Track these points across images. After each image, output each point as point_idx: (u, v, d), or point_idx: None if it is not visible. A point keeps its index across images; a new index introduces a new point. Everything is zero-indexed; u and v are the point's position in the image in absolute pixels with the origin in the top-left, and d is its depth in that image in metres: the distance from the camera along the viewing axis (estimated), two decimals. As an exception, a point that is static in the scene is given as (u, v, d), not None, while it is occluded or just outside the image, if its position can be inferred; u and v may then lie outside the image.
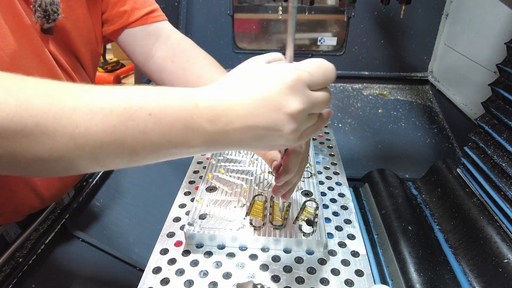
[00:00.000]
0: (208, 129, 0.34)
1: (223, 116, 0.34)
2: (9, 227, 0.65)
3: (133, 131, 0.33)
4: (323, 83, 0.38)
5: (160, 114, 0.33)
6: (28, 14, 0.53)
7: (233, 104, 0.34)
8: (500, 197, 0.71)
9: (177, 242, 0.55)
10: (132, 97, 0.33)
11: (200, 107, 0.34)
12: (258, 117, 0.34)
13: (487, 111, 0.83)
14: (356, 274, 0.50)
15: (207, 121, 0.34)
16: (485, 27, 1.14)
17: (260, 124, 0.34)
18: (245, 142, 0.36)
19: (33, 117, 0.30)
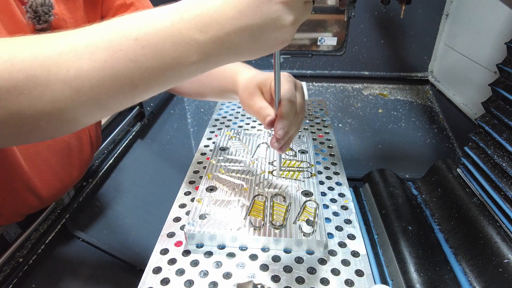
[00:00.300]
0: (200, 40, 0.32)
1: (212, 22, 0.32)
2: (9, 227, 0.65)
3: (124, 60, 0.32)
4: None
5: (146, 37, 0.32)
6: (23, 14, 0.53)
7: (219, 6, 0.32)
8: (500, 197, 0.71)
9: (177, 242, 0.55)
10: (114, 28, 0.32)
11: (186, 18, 0.32)
12: (250, 14, 0.32)
13: (487, 111, 0.83)
14: (356, 274, 0.50)
15: (196, 31, 0.32)
16: (485, 27, 1.14)
17: (254, 21, 0.32)
18: (243, 46, 0.34)
19: (22, 71, 0.29)
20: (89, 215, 0.83)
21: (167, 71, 0.33)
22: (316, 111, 0.97)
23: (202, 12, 0.32)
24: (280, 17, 0.32)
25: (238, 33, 0.32)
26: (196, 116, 1.54)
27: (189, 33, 0.32)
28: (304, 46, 1.62)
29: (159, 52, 0.32)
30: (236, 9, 0.32)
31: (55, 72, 0.30)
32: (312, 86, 1.64)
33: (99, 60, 0.31)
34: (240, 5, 0.32)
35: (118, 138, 1.07)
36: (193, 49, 0.33)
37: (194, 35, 0.32)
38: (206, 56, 0.33)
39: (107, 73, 0.32)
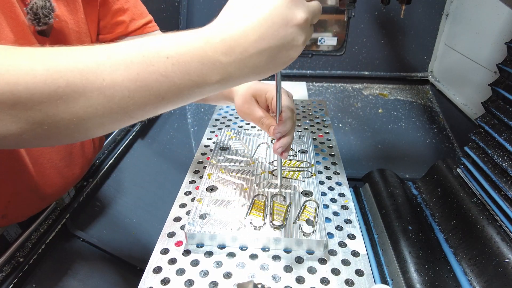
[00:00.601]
0: (224, 62, 0.36)
1: (236, 46, 0.35)
2: (10, 226, 0.65)
3: (156, 75, 0.35)
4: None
5: (176, 56, 0.35)
6: (26, 15, 0.53)
7: (243, 32, 0.35)
8: (500, 197, 0.71)
9: (178, 242, 0.55)
10: (148, 45, 0.35)
11: (212, 42, 0.35)
12: (270, 37, 0.36)
13: (487, 111, 0.83)
14: (356, 274, 0.50)
15: (221, 54, 0.35)
16: (485, 27, 1.14)
17: (273, 43, 0.36)
18: (262, 66, 0.37)
19: (62, 77, 0.32)
20: (89, 215, 0.83)
21: (192, 87, 0.37)
22: (316, 111, 0.97)
23: (227, 37, 0.36)
24: (294, 39, 0.37)
25: (258, 55, 0.36)
26: (196, 116, 1.54)
27: (214, 55, 0.35)
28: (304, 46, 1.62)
29: (187, 70, 0.35)
30: (257, 33, 0.35)
31: (92, 81, 0.33)
32: (312, 86, 1.64)
33: (133, 73, 0.34)
34: (260, 30, 0.35)
35: (118, 138, 1.07)
36: (217, 70, 0.36)
37: (219, 57, 0.36)
38: (229, 75, 0.37)
39: (138, 85, 0.35)
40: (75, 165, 0.69)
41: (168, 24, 1.44)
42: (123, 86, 0.34)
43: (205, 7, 1.52)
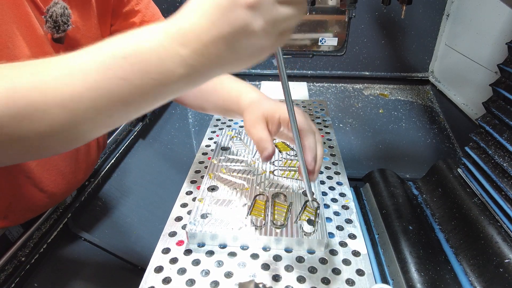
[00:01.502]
0: (183, 53, 0.33)
1: (191, 35, 0.33)
2: (12, 226, 0.65)
3: (114, 79, 0.33)
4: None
5: (133, 54, 0.33)
6: (41, 23, 0.54)
7: (197, 19, 0.33)
8: (501, 197, 0.71)
9: (179, 242, 0.55)
10: (103, 48, 0.33)
11: (169, 33, 0.33)
12: (220, 24, 0.32)
13: (488, 111, 0.83)
14: (357, 273, 0.50)
15: (179, 45, 0.33)
16: (486, 27, 1.14)
17: (224, 30, 0.32)
18: (223, 57, 0.34)
19: (23, 98, 0.31)
20: (91, 215, 0.84)
21: (156, 87, 0.34)
22: (317, 111, 0.97)
23: (182, 26, 0.33)
24: (247, 23, 0.32)
25: (214, 43, 0.33)
26: (198, 116, 1.54)
27: (172, 47, 0.33)
28: (305, 46, 1.62)
29: (147, 68, 0.33)
30: (208, 20, 0.32)
31: (52, 97, 0.32)
32: (312, 86, 1.64)
33: (91, 81, 0.32)
34: (210, 16, 0.32)
35: (119, 138, 1.07)
36: (178, 63, 0.33)
37: (177, 49, 0.33)
38: (192, 69, 0.34)
39: (99, 93, 0.33)
40: (80, 170, 0.69)
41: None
42: (84, 97, 0.33)
43: (206, 8, 1.52)
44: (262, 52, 0.35)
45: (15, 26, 0.49)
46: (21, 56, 0.50)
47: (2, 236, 0.62)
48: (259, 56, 0.36)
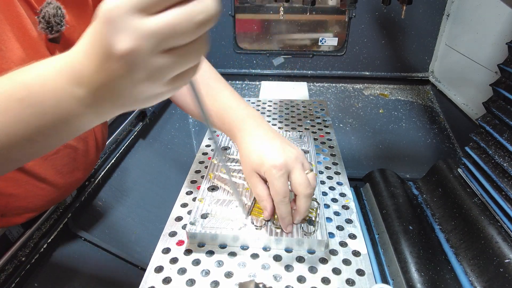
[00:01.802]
0: (78, 94, 0.31)
1: (83, 75, 0.30)
2: (12, 226, 0.65)
3: (14, 120, 0.32)
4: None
5: (29, 95, 0.32)
6: (35, 24, 0.53)
7: (84, 60, 0.30)
8: (501, 197, 0.71)
9: (179, 241, 0.55)
10: (3, 87, 0.32)
11: (64, 73, 0.31)
12: (102, 70, 0.29)
13: (488, 111, 0.83)
14: (357, 273, 0.50)
15: (74, 85, 0.31)
16: (486, 27, 1.14)
17: (107, 77, 0.29)
18: (118, 100, 0.31)
19: None
20: (91, 215, 0.84)
21: (56, 126, 0.33)
22: (317, 111, 0.97)
23: (76, 67, 0.31)
24: (125, 74, 0.28)
25: (104, 86, 0.30)
26: (197, 116, 1.54)
27: (67, 87, 0.31)
28: (305, 46, 1.62)
29: (43, 109, 0.32)
30: (94, 65, 0.29)
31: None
32: (313, 86, 1.64)
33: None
34: (95, 61, 0.29)
35: (120, 138, 1.07)
36: (75, 103, 0.32)
37: (72, 89, 0.31)
38: (90, 108, 0.32)
39: (3, 131, 0.32)
40: (78, 170, 0.69)
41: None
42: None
43: (206, 8, 1.52)
44: (157, 97, 0.32)
45: (8, 27, 0.49)
46: (14, 57, 0.50)
47: (2, 236, 0.62)
48: (156, 100, 0.33)
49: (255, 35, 1.61)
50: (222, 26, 1.55)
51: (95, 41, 0.28)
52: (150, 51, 0.27)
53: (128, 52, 0.26)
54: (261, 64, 1.63)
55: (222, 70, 1.64)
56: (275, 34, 1.61)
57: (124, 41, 0.26)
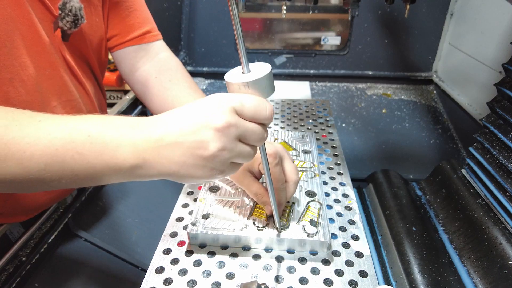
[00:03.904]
0: (140, 146, 0.37)
1: (155, 132, 0.37)
2: (13, 226, 0.65)
3: (72, 152, 0.36)
4: (253, 116, 0.39)
5: (97, 134, 0.37)
6: (45, 23, 0.54)
7: (166, 121, 0.38)
8: (506, 198, 0.71)
9: (180, 242, 0.55)
10: (76, 122, 0.37)
11: (134, 125, 0.37)
12: (187, 133, 0.36)
13: (493, 111, 0.83)
14: (360, 275, 0.49)
15: (140, 138, 0.37)
16: (490, 27, 1.13)
17: (188, 139, 0.37)
18: (174, 161, 0.38)
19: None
20: (91, 215, 0.83)
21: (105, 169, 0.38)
22: (320, 111, 0.97)
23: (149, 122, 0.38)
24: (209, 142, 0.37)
25: (173, 146, 0.37)
26: (199, 116, 1.54)
27: (132, 137, 0.37)
28: (307, 46, 1.61)
29: (102, 149, 0.37)
30: (178, 126, 0.37)
31: (13, 152, 0.35)
32: (315, 86, 1.63)
33: (52, 148, 0.36)
34: (182, 124, 0.37)
35: (121, 138, 1.06)
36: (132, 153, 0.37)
37: (136, 141, 0.37)
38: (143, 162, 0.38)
39: (55, 160, 0.36)
40: None
41: (170, 23, 1.44)
42: (41, 160, 0.36)
43: (207, 7, 1.52)
44: (212, 175, 0.39)
45: (16, 25, 0.49)
46: (19, 55, 0.50)
47: (3, 236, 0.62)
48: (196, 175, 0.39)
49: (256, 34, 1.61)
50: (223, 25, 1.54)
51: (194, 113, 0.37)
52: (234, 134, 0.37)
53: (223, 127, 0.36)
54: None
55: (224, 69, 1.63)
56: (277, 33, 1.60)
57: (224, 121, 0.36)
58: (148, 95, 0.71)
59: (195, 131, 0.36)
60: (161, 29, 0.76)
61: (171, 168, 0.39)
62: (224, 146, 0.37)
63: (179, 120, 0.37)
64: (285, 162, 0.54)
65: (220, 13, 1.52)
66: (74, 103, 0.61)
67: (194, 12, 1.53)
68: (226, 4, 0.40)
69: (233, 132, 0.37)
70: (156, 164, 0.38)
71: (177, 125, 0.37)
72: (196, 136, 0.36)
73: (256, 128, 0.39)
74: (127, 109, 1.12)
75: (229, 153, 0.38)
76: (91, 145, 0.36)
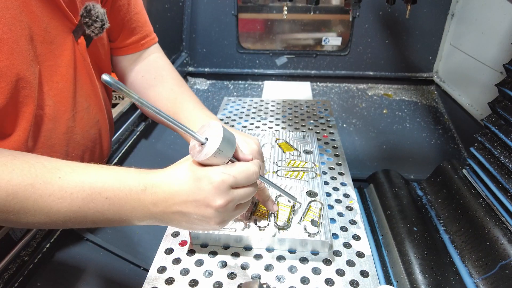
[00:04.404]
0: (151, 210, 0.43)
1: (164, 202, 0.43)
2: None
3: (93, 211, 0.42)
4: (245, 183, 0.45)
5: (114, 198, 0.42)
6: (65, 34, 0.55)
7: (173, 194, 0.43)
8: (507, 198, 0.71)
9: (182, 242, 0.55)
10: (93, 183, 0.42)
11: (148, 192, 0.43)
12: (191, 209, 0.43)
13: (494, 111, 0.83)
14: (361, 275, 0.49)
15: (151, 203, 0.43)
16: (491, 27, 1.13)
17: (193, 213, 0.43)
18: (180, 223, 0.45)
19: (18, 203, 0.40)
20: (94, 215, 0.83)
21: (121, 223, 0.45)
22: (321, 111, 0.97)
23: (160, 191, 0.43)
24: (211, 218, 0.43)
25: (179, 214, 0.43)
26: (200, 116, 1.54)
27: (145, 203, 0.43)
28: (309, 46, 1.61)
29: (120, 210, 0.43)
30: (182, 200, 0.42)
31: (41, 207, 0.41)
32: (316, 86, 1.63)
33: (75, 206, 0.42)
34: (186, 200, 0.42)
35: (122, 138, 1.07)
36: (144, 214, 0.44)
37: (148, 205, 0.43)
38: (152, 221, 0.45)
39: (78, 215, 0.42)
40: None
41: (172, 24, 1.44)
42: (66, 214, 0.42)
43: (209, 7, 1.52)
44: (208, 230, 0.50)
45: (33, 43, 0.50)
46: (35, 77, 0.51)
47: (5, 235, 0.62)
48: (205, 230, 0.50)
49: (258, 34, 1.61)
50: (225, 26, 1.55)
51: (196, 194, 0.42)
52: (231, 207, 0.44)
53: (223, 207, 0.42)
54: (264, 64, 1.62)
55: (225, 70, 1.64)
56: (278, 34, 1.60)
57: (222, 201, 0.42)
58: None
59: (199, 208, 0.42)
60: (162, 30, 0.77)
61: (181, 227, 0.46)
62: (224, 218, 0.44)
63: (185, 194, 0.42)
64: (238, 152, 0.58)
65: (221, 14, 1.52)
66: (83, 113, 0.62)
67: (195, 13, 1.53)
68: (227, 5, 0.41)
69: (231, 205, 0.43)
70: (166, 223, 0.45)
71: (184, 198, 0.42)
72: (200, 211, 0.43)
73: (248, 191, 0.45)
74: (129, 110, 1.13)
75: (230, 218, 0.46)
76: (109, 206, 0.42)
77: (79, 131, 0.62)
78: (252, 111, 0.98)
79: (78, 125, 0.61)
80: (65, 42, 0.55)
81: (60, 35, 0.54)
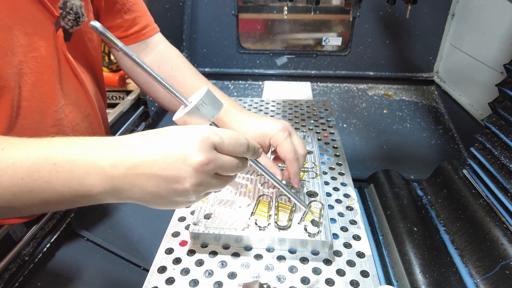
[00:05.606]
0: (109, 173, 0.36)
1: (126, 161, 0.36)
2: (15, 225, 0.65)
3: (39, 182, 0.36)
4: (233, 151, 0.40)
5: (63, 162, 0.36)
6: (47, 25, 0.54)
7: (141, 147, 0.36)
8: (507, 198, 0.71)
9: (182, 242, 0.55)
10: (41, 149, 0.36)
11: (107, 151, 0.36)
12: (164, 166, 0.36)
13: (494, 111, 0.83)
14: (361, 275, 0.49)
15: (109, 165, 0.36)
16: (492, 27, 1.13)
17: (164, 173, 0.36)
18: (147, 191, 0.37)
19: None
20: (93, 215, 0.84)
21: (74, 196, 0.37)
22: (321, 111, 0.97)
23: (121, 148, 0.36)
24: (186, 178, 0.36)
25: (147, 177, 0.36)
26: (201, 116, 1.54)
27: (101, 165, 0.36)
28: (309, 46, 1.61)
29: (71, 177, 0.36)
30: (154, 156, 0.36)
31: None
32: (316, 86, 1.63)
33: (17, 178, 0.35)
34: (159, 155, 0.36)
35: (123, 138, 1.07)
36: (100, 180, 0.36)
37: (105, 168, 0.36)
38: (113, 189, 0.37)
39: (22, 189, 0.35)
40: None
41: (172, 24, 1.44)
42: (8, 190, 0.35)
43: (209, 7, 1.52)
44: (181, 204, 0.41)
45: (13, 32, 0.49)
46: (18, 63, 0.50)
47: (6, 235, 0.62)
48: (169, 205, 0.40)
49: (258, 34, 1.61)
50: (225, 26, 1.55)
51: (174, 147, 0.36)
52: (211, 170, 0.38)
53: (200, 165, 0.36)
54: (264, 64, 1.62)
55: (225, 70, 1.64)
56: (279, 34, 1.60)
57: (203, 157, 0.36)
58: (154, 86, 0.72)
59: (172, 165, 0.36)
60: (163, 30, 0.77)
61: (143, 197, 0.38)
62: (200, 182, 0.37)
63: (156, 149, 0.36)
64: (293, 137, 0.58)
65: (221, 14, 1.52)
66: (71, 107, 0.62)
67: (195, 13, 1.53)
68: (227, 5, 0.41)
69: (211, 168, 0.37)
70: (126, 191, 0.38)
71: (153, 154, 0.36)
72: (173, 170, 0.36)
73: (232, 162, 0.40)
74: (129, 109, 1.13)
75: (204, 188, 0.39)
76: (58, 173, 0.36)
77: (68, 124, 0.61)
78: (253, 111, 0.98)
79: (67, 118, 0.61)
80: (47, 33, 0.54)
81: (41, 26, 0.53)
